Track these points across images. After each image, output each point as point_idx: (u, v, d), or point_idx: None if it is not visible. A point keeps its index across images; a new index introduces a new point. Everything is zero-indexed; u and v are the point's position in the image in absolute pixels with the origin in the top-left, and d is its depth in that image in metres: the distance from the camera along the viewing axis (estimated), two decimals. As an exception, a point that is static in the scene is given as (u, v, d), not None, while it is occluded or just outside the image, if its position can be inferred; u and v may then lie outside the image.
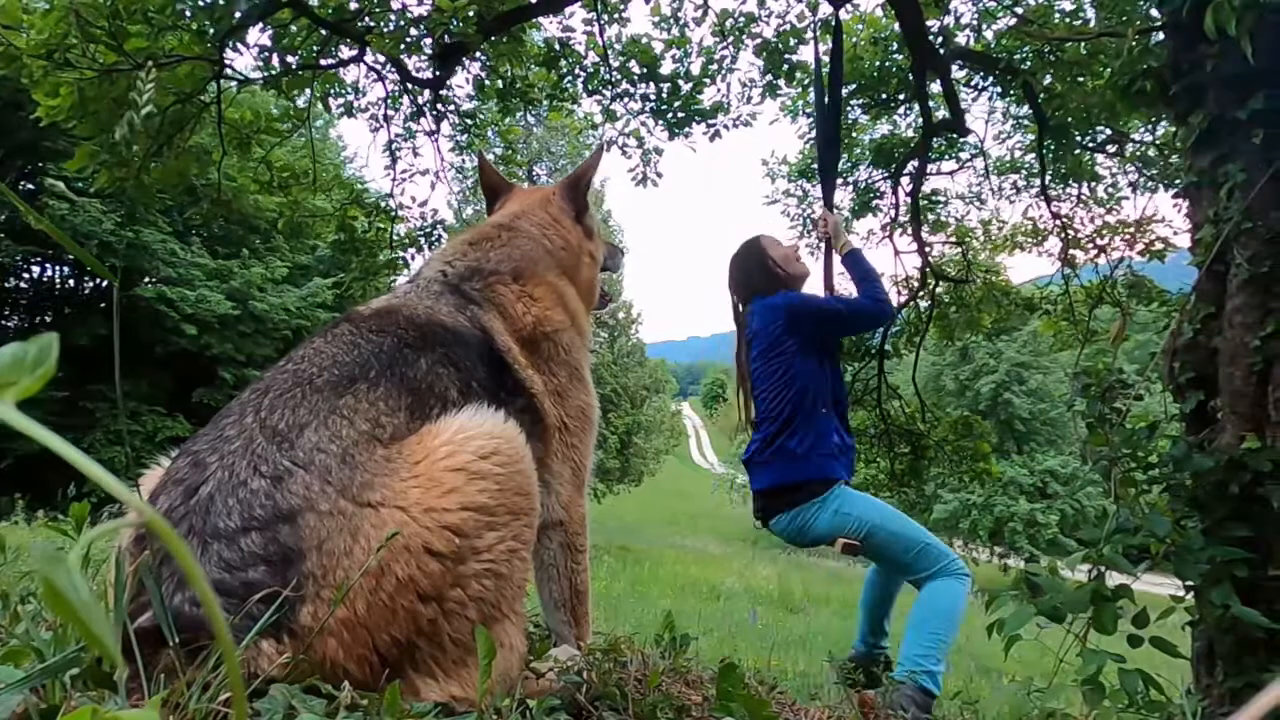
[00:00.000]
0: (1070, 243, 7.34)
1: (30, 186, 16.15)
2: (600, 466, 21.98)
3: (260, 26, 4.72)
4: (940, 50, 5.59)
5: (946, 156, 8.10)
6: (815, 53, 4.42)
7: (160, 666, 1.01)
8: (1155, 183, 6.76)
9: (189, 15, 4.40)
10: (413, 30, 4.84)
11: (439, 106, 6.39)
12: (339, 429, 1.26)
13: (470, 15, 4.40)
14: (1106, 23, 4.92)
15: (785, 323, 3.12)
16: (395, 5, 4.99)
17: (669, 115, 6.46)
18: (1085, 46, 4.92)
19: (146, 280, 16.02)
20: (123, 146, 3.74)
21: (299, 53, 4.97)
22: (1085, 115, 5.80)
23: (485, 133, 7.30)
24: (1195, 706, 1.85)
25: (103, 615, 0.32)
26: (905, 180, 7.36)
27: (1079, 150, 6.70)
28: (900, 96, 7.10)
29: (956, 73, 6.60)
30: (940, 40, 5.80)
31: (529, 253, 1.93)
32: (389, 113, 6.42)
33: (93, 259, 0.86)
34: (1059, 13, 5.99)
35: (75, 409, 14.94)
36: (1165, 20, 2.70)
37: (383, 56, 5.31)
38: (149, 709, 0.75)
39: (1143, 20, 3.38)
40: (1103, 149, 7.00)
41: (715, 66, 6.37)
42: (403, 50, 5.01)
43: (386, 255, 6.84)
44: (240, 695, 0.41)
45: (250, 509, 1.13)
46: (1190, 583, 2.18)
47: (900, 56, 6.61)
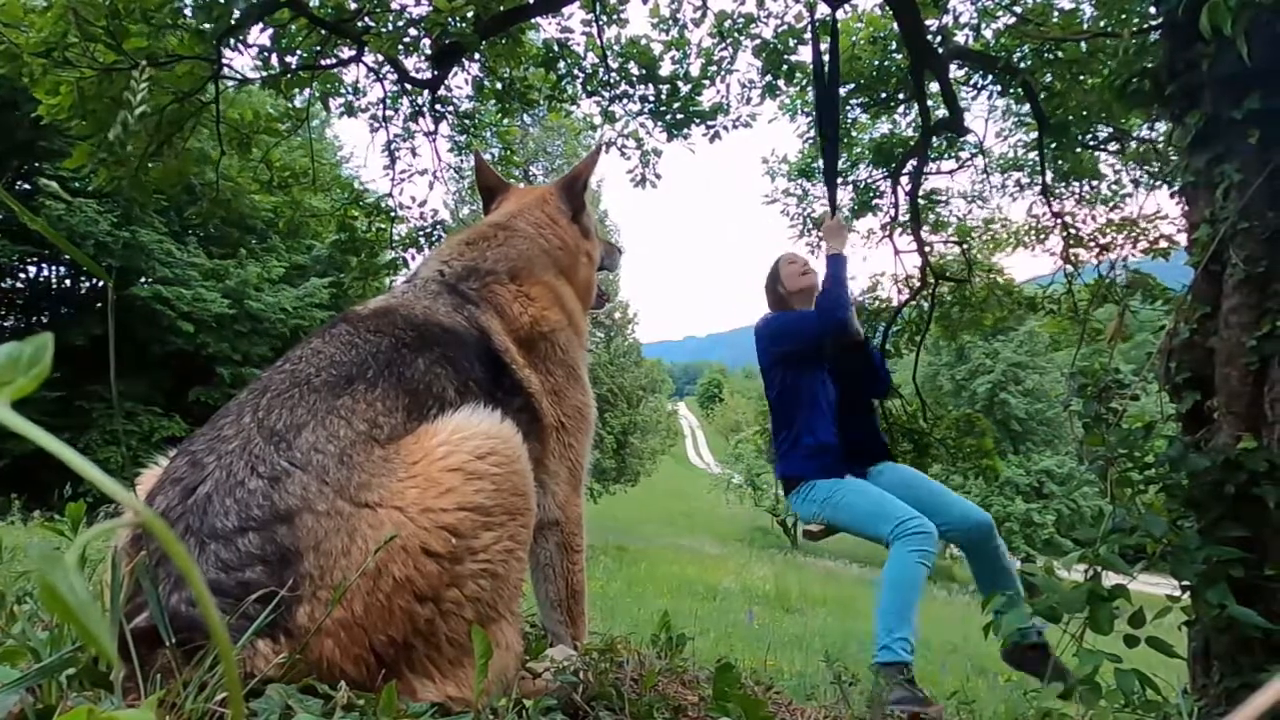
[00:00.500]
0: (1072, 241, 7.34)
1: (26, 186, 16.08)
2: (597, 466, 21.97)
3: (260, 27, 4.72)
4: (939, 49, 5.59)
5: (946, 156, 8.11)
6: (815, 53, 4.41)
7: (157, 666, 1.01)
8: (1157, 180, 6.76)
9: (189, 15, 4.40)
10: (411, 30, 4.84)
11: (437, 107, 6.39)
12: (336, 429, 1.26)
13: (468, 16, 4.40)
14: (1105, 23, 4.92)
15: (759, 343, 3.64)
16: (394, 5, 4.99)
17: (668, 116, 6.46)
18: (1085, 45, 4.93)
19: (142, 280, 15.96)
20: (118, 145, 3.74)
21: (298, 53, 4.98)
22: (1085, 114, 5.81)
23: (483, 133, 7.30)
24: (1192, 706, 1.85)
25: (99, 615, 0.32)
26: (905, 179, 7.36)
27: (1080, 149, 6.70)
28: (899, 96, 7.10)
29: (956, 72, 6.61)
30: (939, 39, 5.80)
31: (525, 252, 1.93)
32: (388, 113, 6.42)
33: (88, 259, 0.86)
34: (1058, 11, 5.99)
35: (71, 409, 14.88)
36: (1161, 19, 2.70)
37: (381, 57, 5.31)
38: (145, 709, 0.75)
39: (1140, 19, 3.38)
40: (1103, 147, 7.00)
41: (714, 67, 6.37)
42: (401, 50, 5.01)
43: (386, 255, 6.84)
44: (237, 695, 0.41)
45: (248, 509, 1.13)
46: (1186, 583, 2.19)
47: (899, 56, 6.61)
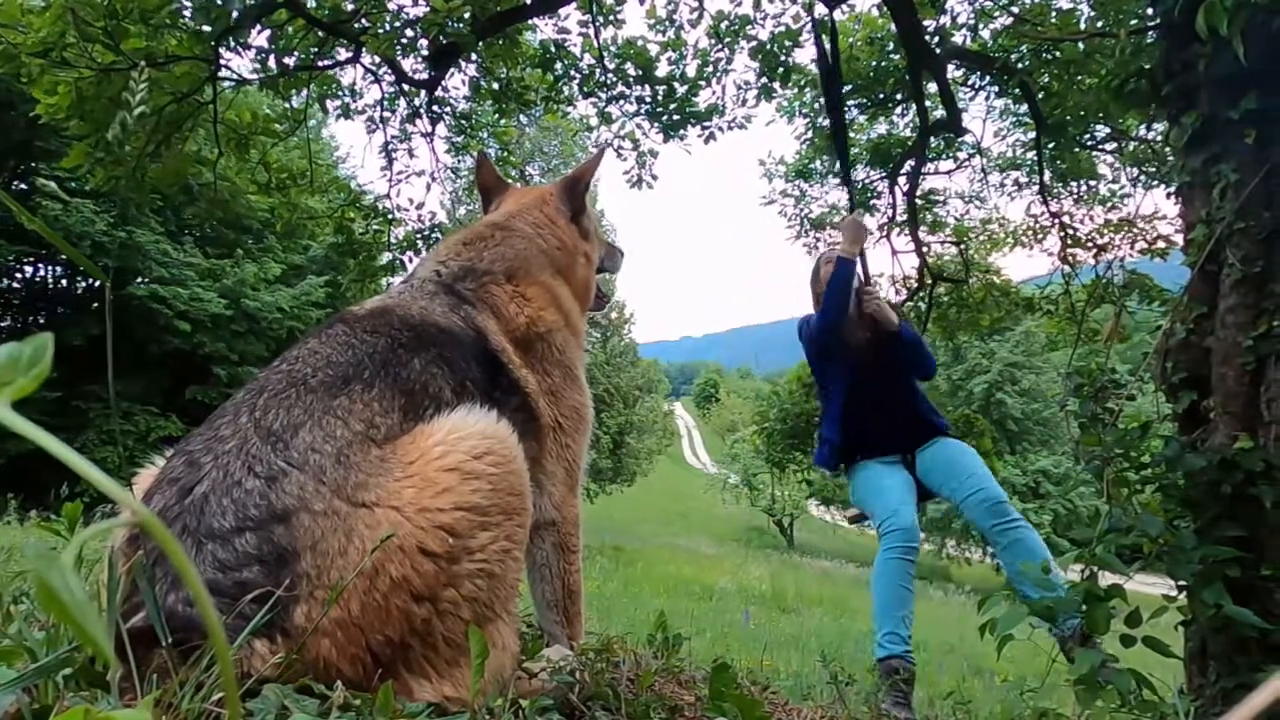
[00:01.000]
0: (1070, 241, 7.35)
1: (23, 186, 16.07)
2: (593, 466, 21.97)
3: (257, 28, 4.71)
4: (936, 50, 5.60)
5: (944, 156, 8.12)
6: (820, 51, 4.35)
7: (153, 666, 1.01)
8: (1155, 181, 6.77)
9: (187, 16, 4.39)
10: (408, 31, 4.83)
11: (435, 108, 6.38)
12: (333, 429, 1.26)
13: (465, 17, 4.40)
14: (1102, 23, 4.93)
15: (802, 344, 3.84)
16: (391, 6, 4.98)
17: (664, 117, 6.46)
18: (1082, 45, 4.93)
19: (139, 280, 15.95)
20: (116, 146, 3.74)
21: (295, 53, 4.97)
22: (1082, 114, 5.81)
23: (480, 133, 7.30)
24: (1188, 706, 1.85)
25: (96, 615, 0.32)
26: (902, 180, 7.36)
27: (1077, 149, 6.71)
28: (897, 96, 7.10)
29: (953, 72, 6.61)
30: (936, 40, 5.80)
31: (522, 252, 1.93)
32: (385, 114, 6.42)
33: (84, 259, 0.86)
34: (1055, 12, 5.99)
35: (68, 409, 14.87)
36: (1158, 20, 2.71)
37: (378, 58, 5.31)
38: (142, 709, 0.75)
39: (1138, 19, 3.39)
40: (1101, 147, 7.01)
41: (711, 69, 6.37)
42: (398, 51, 5.01)
43: (384, 258, 6.84)
44: (233, 695, 0.41)
45: (245, 509, 1.13)
46: (1183, 582, 2.19)
47: (897, 56, 6.62)
